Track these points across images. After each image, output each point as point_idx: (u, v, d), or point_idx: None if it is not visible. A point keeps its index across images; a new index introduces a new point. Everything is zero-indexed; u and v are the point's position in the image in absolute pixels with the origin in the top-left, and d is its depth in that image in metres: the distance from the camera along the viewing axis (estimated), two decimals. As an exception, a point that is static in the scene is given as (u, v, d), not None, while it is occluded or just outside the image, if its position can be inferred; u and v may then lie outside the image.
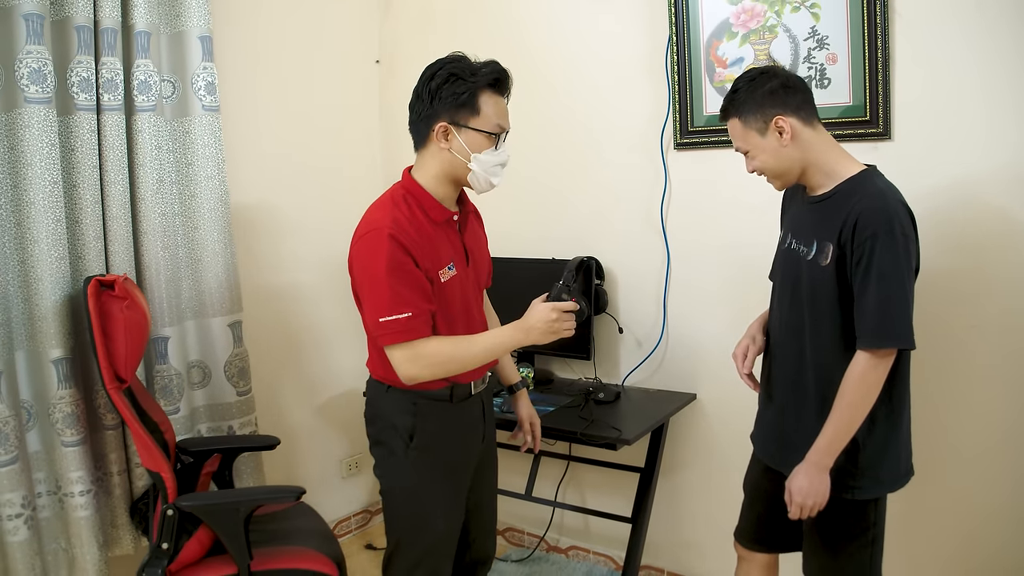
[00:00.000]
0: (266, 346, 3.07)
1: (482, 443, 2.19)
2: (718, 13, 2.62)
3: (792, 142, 1.85)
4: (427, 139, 1.96)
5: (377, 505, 3.66)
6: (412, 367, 1.90)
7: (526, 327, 1.92)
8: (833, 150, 1.89)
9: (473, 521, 2.24)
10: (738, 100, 1.89)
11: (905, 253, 1.73)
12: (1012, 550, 2.34)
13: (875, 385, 1.77)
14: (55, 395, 2.28)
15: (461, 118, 1.91)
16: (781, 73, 1.89)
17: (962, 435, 2.37)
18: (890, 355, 1.77)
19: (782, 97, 1.84)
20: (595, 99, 2.97)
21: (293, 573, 2.17)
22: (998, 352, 2.30)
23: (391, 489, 2.11)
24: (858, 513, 1.89)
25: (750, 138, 1.89)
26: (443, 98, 1.90)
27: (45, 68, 2.22)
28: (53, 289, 2.26)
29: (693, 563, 2.97)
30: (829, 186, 1.87)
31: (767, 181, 1.97)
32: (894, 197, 1.78)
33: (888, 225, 1.72)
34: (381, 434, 2.10)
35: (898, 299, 1.73)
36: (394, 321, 1.85)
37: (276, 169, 3.13)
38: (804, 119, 1.86)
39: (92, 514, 2.35)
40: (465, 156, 1.93)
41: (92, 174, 2.37)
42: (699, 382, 2.84)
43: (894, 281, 1.72)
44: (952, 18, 2.27)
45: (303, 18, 3.22)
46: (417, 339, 1.88)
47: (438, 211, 1.98)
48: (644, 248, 2.89)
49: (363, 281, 1.92)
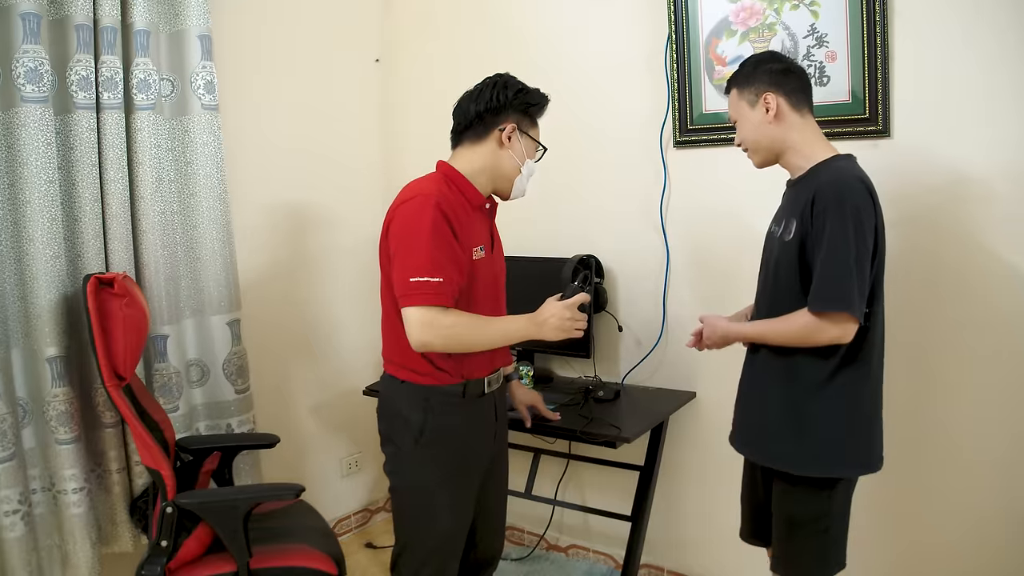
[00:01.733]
0: (266, 345, 3.07)
1: (494, 442, 2.20)
2: (717, 11, 2.62)
3: (776, 120, 1.95)
4: (486, 136, 2.07)
5: (377, 504, 3.67)
6: (426, 332, 1.90)
7: (539, 321, 1.98)
8: (815, 137, 1.97)
9: (481, 521, 2.24)
10: (742, 73, 2.02)
11: (856, 227, 1.78)
12: (1008, 553, 2.35)
13: (809, 336, 1.84)
14: (49, 393, 2.29)
15: (524, 125, 2.09)
16: (787, 60, 2.00)
17: (962, 435, 2.37)
18: (834, 321, 1.80)
19: (779, 78, 1.95)
20: (594, 97, 2.97)
21: (292, 571, 2.17)
22: (997, 349, 2.30)
23: (400, 486, 2.12)
24: (811, 495, 1.93)
25: (741, 108, 2.01)
26: (515, 103, 2.05)
27: (42, 67, 2.22)
28: (48, 288, 2.26)
29: (692, 561, 2.97)
30: (805, 169, 1.95)
31: (748, 156, 2.05)
32: (852, 175, 1.85)
33: (839, 199, 1.80)
34: (392, 429, 2.11)
35: (840, 268, 1.78)
36: (424, 283, 1.88)
37: (275, 168, 3.13)
38: (793, 104, 1.95)
39: (85, 511, 2.36)
40: (520, 159, 2.07)
41: (92, 172, 2.37)
42: (699, 380, 2.84)
43: (841, 252, 1.78)
44: (951, 16, 2.26)
45: (303, 17, 3.22)
46: (439, 306, 1.90)
47: (476, 196, 2.08)
48: (644, 246, 2.89)
49: (402, 240, 1.95)
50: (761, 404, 2.02)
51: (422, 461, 2.06)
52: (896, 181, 2.37)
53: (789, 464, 1.93)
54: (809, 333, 1.84)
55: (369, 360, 3.46)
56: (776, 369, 1.97)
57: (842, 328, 1.80)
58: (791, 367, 1.93)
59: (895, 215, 2.36)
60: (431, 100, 3.41)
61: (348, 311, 3.43)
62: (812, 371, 1.90)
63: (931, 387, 2.37)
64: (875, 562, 2.50)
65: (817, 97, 2.45)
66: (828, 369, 1.88)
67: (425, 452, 2.05)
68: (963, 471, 2.38)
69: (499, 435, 2.23)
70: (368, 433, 3.47)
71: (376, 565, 3.24)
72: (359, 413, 3.41)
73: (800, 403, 1.92)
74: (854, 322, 1.80)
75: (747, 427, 2.09)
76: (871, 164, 2.38)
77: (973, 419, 2.35)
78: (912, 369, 2.36)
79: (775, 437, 1.97)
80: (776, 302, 1.97)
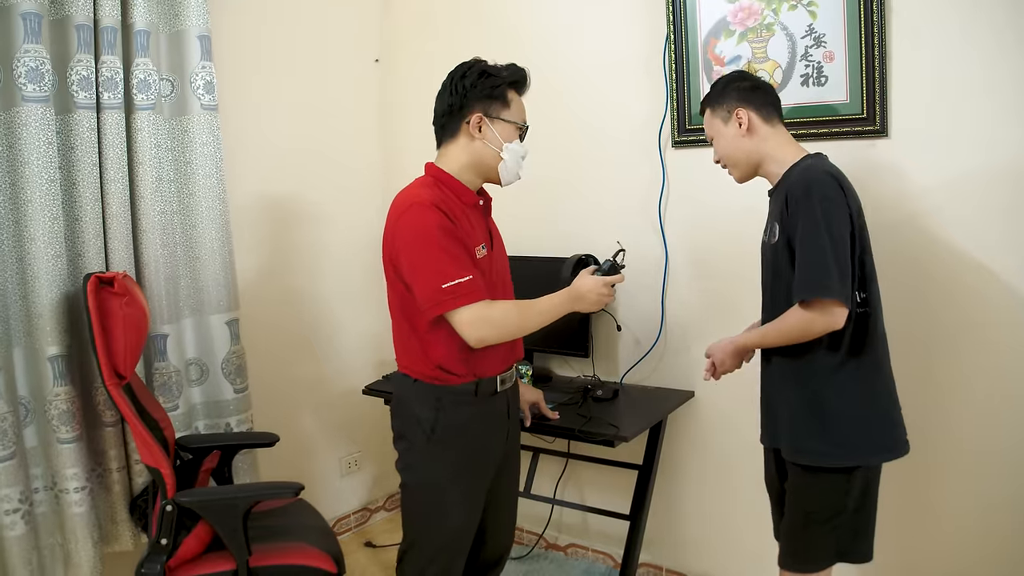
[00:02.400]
0: (266, 344, 3.08)
1: (506, 441, 2.20)
2: (716, 11, 2.63)
3: (749, 134, 2.04)
4: (457, 131, 2.06)
5: (377, 503, 3.67)
6: (480, 329, 1.93)
7: (577, 295, 2.03)
8: (788, 144, 2.06)
9: (490, 520, 2.25)
10: (713, 94, 2.12)
11: (826, 216, 1.84)
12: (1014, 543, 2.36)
13: (803, 329, 1.89)
14: (51, 392, 2.30)
15: (493, 110, 2.04)
16: (754, 78, 2.13)
17: (967, 429, 2.38)
18: (821, 309, 1.84)
19: (748, 95, 2.05)
20: (593, 97, 2.98)
21: (291, 568, 2.17)
22: (997, 346, 2.31)
23: (411, 481, 2.13)
24: (830, 486, 1.96)
25: (716, 125, 2.11)
26: (476, 91, 2.03)
27: (43, 67, 2.23)
28: (50, 287, 2.27)
29: (691, 560, 2.97)
30: (780, 175, 2.03)
31: (728, 173, 2.13)
32: (819, 170, 1.92)
33: (806, 192, 1.87)
34: (404, 427, 2.12)
35: (816, 257, 1.83)
36: (458, 285, 1.90)
37: (275, 168, 3.14)
38: (764, 117, 2.05)
39: (87, 510, 2.37)
40: (497, 145, 2.04)
41: (92, 172, 2.38)
42: (697, 380, 2.83)
43: (814, 242, 1.84)
44: (949, 16, 2.27)
45: (302, 17, 3.23)
46: (482, 300, 1.93)
47: (468, 194, 2.08)
48: (642, 246, 2.89)
49: (415, 251, 1.95)
50: (782, 404, 2.05)
51: (434, 457, 2.07)
52: (894, 180, 2.38)
53: (814, 458, 1.96)
54: (803, 326, 1.88)
55: (369, 359, 3.47)
56: (789, 370, 2.01)
57: (831, 314, 1.84)
58: (802, 366, 1.97)
59: (893, 215, 2.37)
60: (430, 100, 3.39)
61: (348, 310, 3.44)
62: (823, 365, 1.94)
63: (934, 382, 2.38)
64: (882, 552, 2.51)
65: (815, 97, 2.48)
66: (837, 360, 1.93)
67: (437, 448, 2.06)
68: (970, 461, 2.38)
69: (511, 433, 2.24)
70: (368, 432, 3.49)
71: (376, 564, 3.25)
72: (359, 412, 3.42)
73: (817, 398, 1.95)
74: (841, 307, 1.83)
75: (774, 425, 2.11)
76: (869, 164, 2.40)
77: (977, 414, 2.36)
78: (913, 365, 2.37)
79: (799, 435, 2.00)
80: (779, 306, 1.99)
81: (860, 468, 1.95)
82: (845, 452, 1.93)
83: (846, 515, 1.96)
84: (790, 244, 1.91)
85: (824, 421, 1.94)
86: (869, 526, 2.02)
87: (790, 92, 2.51)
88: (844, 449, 1.93)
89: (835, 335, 1.89)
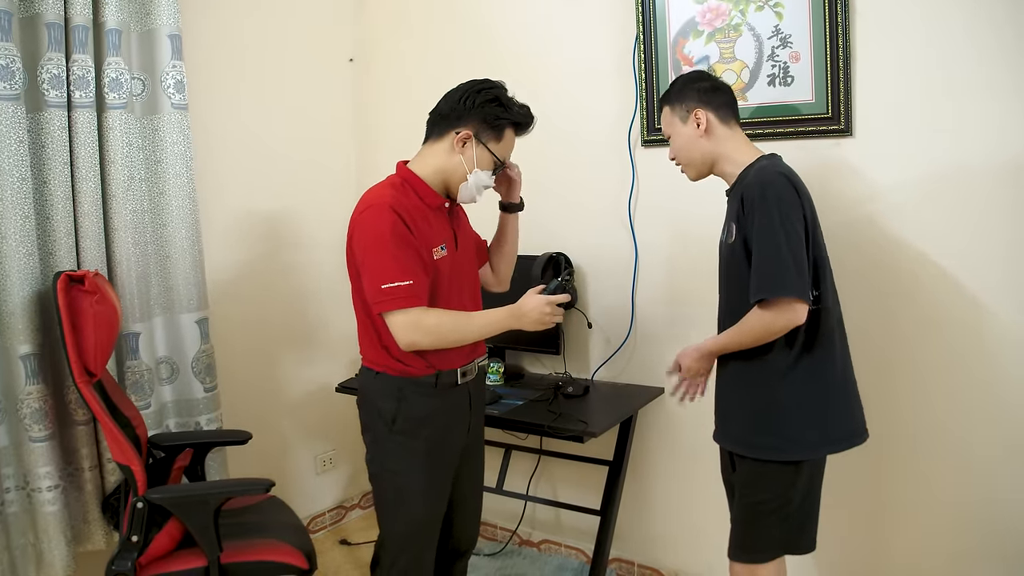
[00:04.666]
0: (240, 343, 3.09)
1: (467, 433, 2.23)
2: (684, 12, 2.66)
3: (706, 134, 2.07)
4: (444, 136, 2.09)
5: (352, 501, 3.68)
6: (412, 333, 1.97)
7: (519, 314, 2.04)
8: (744, 145, 2.09)
9: (457, 511, 2.29)
10: (673, 91, 2.14)
11: (782, 215, 1.88)
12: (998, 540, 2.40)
13: (764, 329, 1.92)
14: (23, 390, 2.29)
15: (484, 136, 2.07)
16: (714, 78, 2.15)
17: (930, 428, 2.43)
18: (781, 307, 1.87)
19: (707, 96, 2.08)
20: (564, 97, 3.00)
21: (263, 565, 2.18)
22: (951, 347, 2.35)
23: (376, 473, 2.17)
24: (776, 479, 1.99)
25: (674, 124, 2.13)
26: (479, 111, 2.05)
27: (13, 65, 2.22)
28: (22, 285, 2.27)
29: (661, 555, 3.01)
30: (736, 176, 2.06)
31: (681, 171, 2.16)
32: (773, 171, 1.95)
33: (761, 193, 1.91)
34: (368, 419, 2.16)
35: (772, 256, 1.87)
36: (396, 288, 1.94)
37: (247, 167, 3.14)
38: (722, 118, 2.08)
39: (60, 509, 2.36)
40: (469, 167, 2.07)
41: (63, 170, 2.37)
42: (666, 376, 2.86)
43: (770, 241, 1.88)
44: (913, 17, 2.31)
45: (275, 16, 3.23)
46: (418, 306, 1.96)
47: (432, 197, 2.10)
48: (613, 244, 2.93)
49: (367, 250, 1.99)
50: (735, 404, 2.09)
51: (396, 448, 2.10)
52: (858, 179, 2.42)
53: (765, 452, 1.99)
54: (764, 326, 1.91)
55: (342, 357, 3.48)
56: (744, 371, 2.04)
57: (792, 311, 1.87)
58: (757, 367, 2.00)
59: (857, 213, 2.42)
60: (405, 99, 3.43)
61: (321, 309, 3.44)
62: (777, 363, 1.97)
63: (897, 380, 2.42)
64: (845, 549, 2.55)
65: (781, 97, 2.52)
66: (791, 358, 1.96)
67: (398, 439, 2.09)
68: (924, 456, 2.43)
69: (473, 426, 2.26)
70: (342, 430, 3.50)
71: (350, 562, 3.26)
72: (333, 410, 3.43)
73: (770, 396, 1.99)
74: (801, 303, 1.87)
75: (726, 424, 2.14)
76: (834, 163, 2.44)
77: (933, 410, 2.40)
78: (876, 362, 2.41)
79: (751, 431, 2.03)
80: (735, 303, 2.02)
81: (807, 461, 1.99)
82: (797, 447, 1.97)
83: (793, 507, 2.00)
84: (746, 244, 1.95)
85: (777, 418, 1.98)
86: (813, 517, 2.07)
87: (757, 92, 2.55)
88: (796, 444, 1.97)
89: (790, 333, 1.92)
